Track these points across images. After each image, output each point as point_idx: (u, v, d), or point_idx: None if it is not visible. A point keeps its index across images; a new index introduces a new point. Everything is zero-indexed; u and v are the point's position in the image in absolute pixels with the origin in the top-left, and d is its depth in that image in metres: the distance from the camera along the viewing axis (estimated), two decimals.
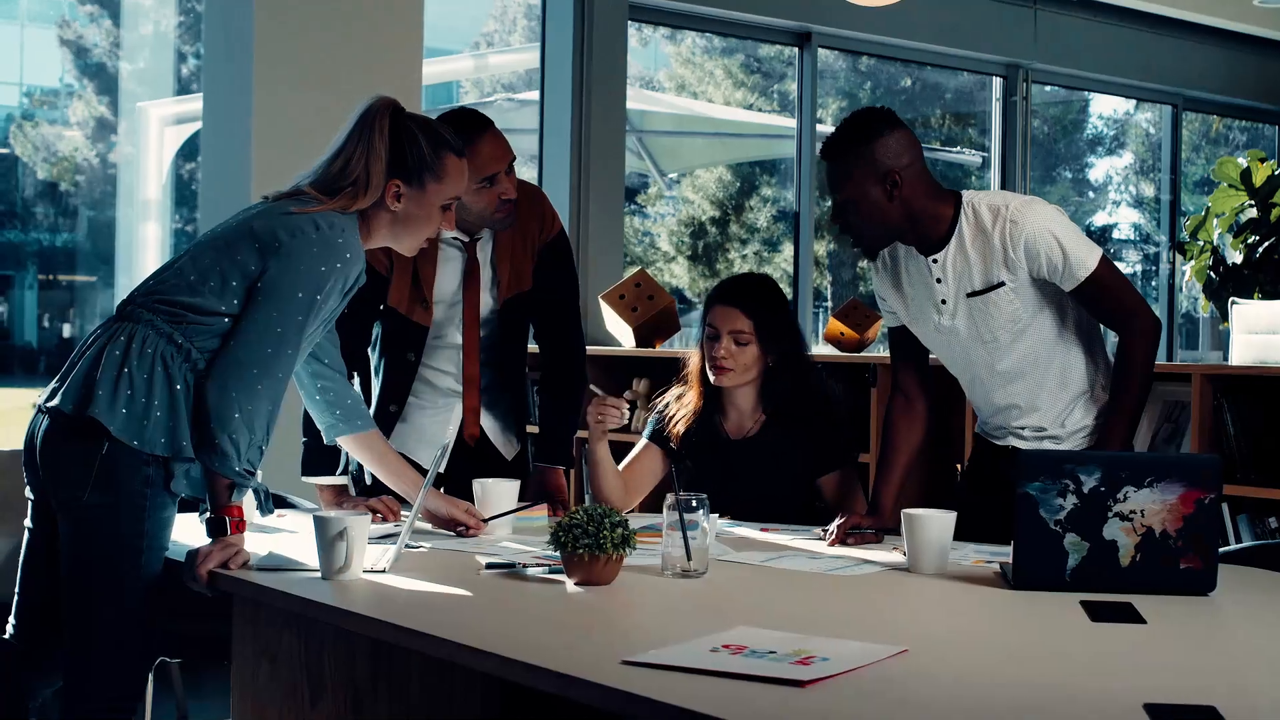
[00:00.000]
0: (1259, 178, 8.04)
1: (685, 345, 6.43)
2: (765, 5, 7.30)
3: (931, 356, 3.55)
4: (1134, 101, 10.62)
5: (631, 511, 3.77)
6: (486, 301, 3.72)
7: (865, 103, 11.03)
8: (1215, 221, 8.11)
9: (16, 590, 3.05)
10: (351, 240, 2.95)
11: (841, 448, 3.71)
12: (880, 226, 3.30)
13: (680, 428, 3.78)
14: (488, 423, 3.78)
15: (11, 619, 3.06)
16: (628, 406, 3.63)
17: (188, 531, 3.10)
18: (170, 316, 2.90)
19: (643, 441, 3.87)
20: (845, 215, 3.30)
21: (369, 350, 3.74)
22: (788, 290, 7.54)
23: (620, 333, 5.96)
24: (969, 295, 3.31)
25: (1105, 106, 11.46)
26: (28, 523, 3.03)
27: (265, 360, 2.86)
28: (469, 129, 3.47)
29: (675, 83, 11.06)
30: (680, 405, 3.81)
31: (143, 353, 2.87)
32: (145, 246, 6.98)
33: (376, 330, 3.74)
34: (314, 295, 2.89)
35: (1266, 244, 8.00)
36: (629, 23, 6.94)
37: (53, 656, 2.99)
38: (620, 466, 3.82)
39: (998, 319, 3.31)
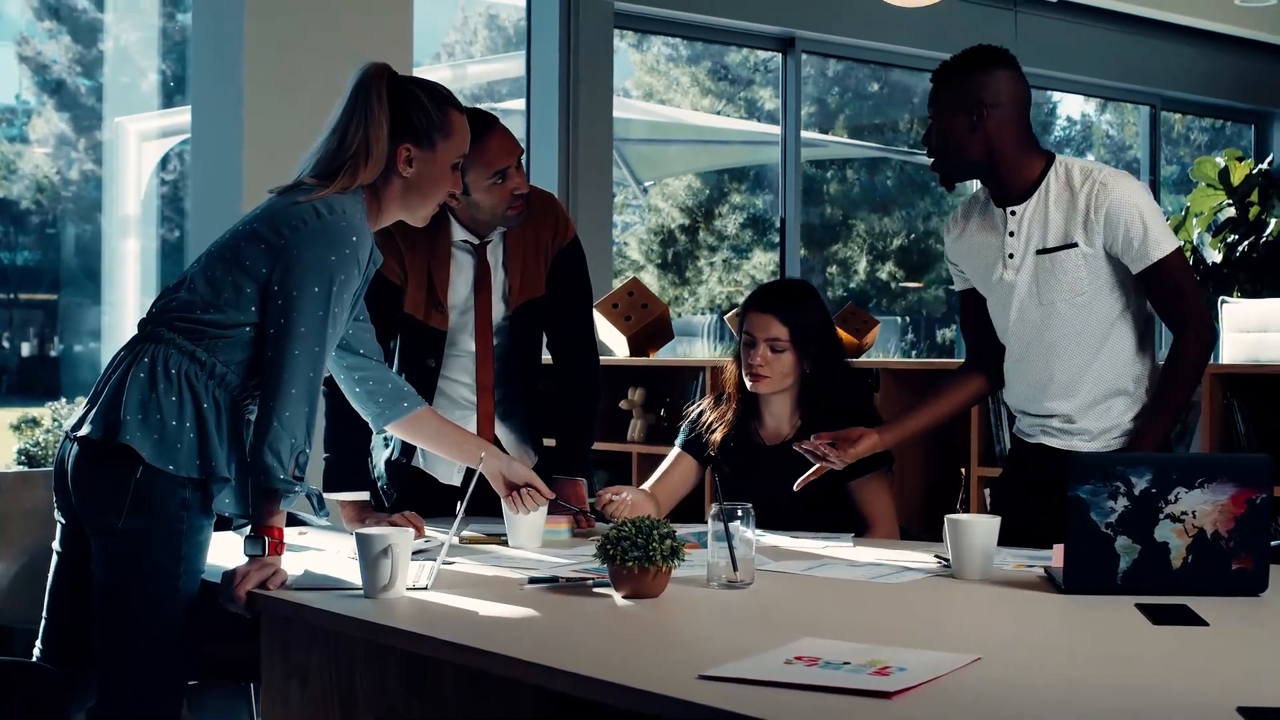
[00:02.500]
0: (1237, 177, 8.10)
1: (671, 354, 6.39)
2: (749, 11, 7.28)
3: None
4: (1095, 103, 10.66)
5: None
6: (499, 307, 3.68)
7: (833, 108, 11.04)
8: (1194, 221, 8.16)
9: (44, 614, 2.99)
10: (355, 220, 2.87)
11: (875, 452, 3.67)
12: (958, 156, 3.33)
13: (718, 435, 3.75)
14: (503, 434, 3.73)
15: (39, 643, 3.01)
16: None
17: (223, 552, 3.05)
18: (190, 334, 2.85)
19: (675, 451, 3.83)
20: (929, 137, 3.36)
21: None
22: None
23: (614, 342, 5.92)
24: (1039, 252, 3.31)
25: (1071, 108, 11.51)
26: (56, 546, 2.97)
27: (294, 363, 2.80)
28: (477, 126, 3.43)
29: (642, 90, 11.03)
30: (717, 414, 3.78)
31: (168, 374, 2.81)
32: (125, 262, 6.90)
33: (393, 344, 3.69)
34: (330, 286, 2.82)
35: (1245, 243, 8.06)
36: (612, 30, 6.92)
37: (81, 682, 2.93)
38: (653, 478, 3.79)
39: (1061, 282, 3.29)
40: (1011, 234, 3.34)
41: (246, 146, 5.17)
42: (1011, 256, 3.35)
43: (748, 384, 3.68)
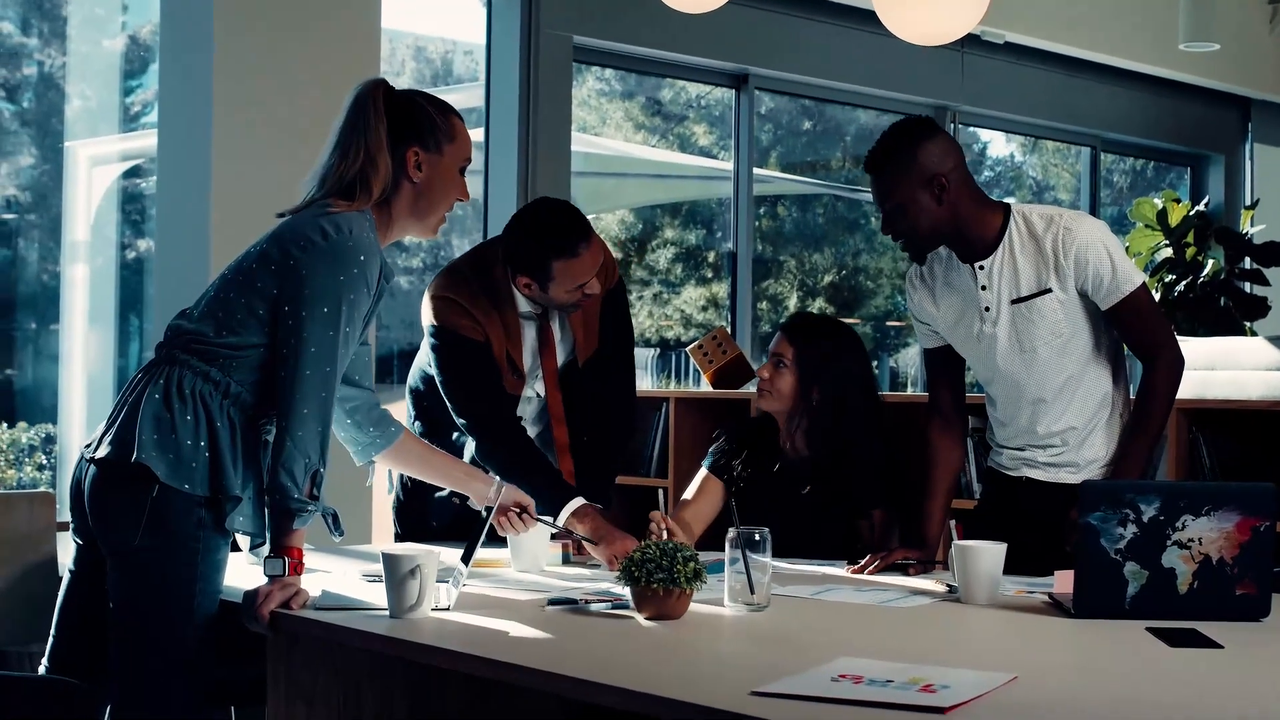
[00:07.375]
0: (1174, 218, 8.27)
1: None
2: (704, 47, 7.35)
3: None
4: (1017, 144, 10.81)
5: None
6: (564, 362, 3.77)
7: (765, 144, 11.13)
8: (1134, 261, 8.32)
9: (52, 633, 2.98)
10: (362, 239, 2.86)
11: (880, 490, 3.73)
12: (930, 231, 3.35)
13: (738, 465, 3.83)
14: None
15: (45, 661, 2.99)
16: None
17: (241, 573, 3.05)
18: (203, 355, 2.85)
19: (702, 473, 3.90)
20: (895, 223, 3.35)
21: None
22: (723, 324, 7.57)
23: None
24: (1014, 301, 3.36)
25: (1000, 150, 11.67)
26: (70, 565, 2.96)
27: (306, 383, 2.81)
28: (574, 237, 3.53)
29: (576, 124, 11.06)
30: (742, 436, 3.89)
31: (182, 394, 2.82)
32: (73, 287, 6.83)
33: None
34: (339, 306, 2.82)
35: (1183, 283, 8.23)
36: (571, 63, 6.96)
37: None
38: (683, 500, 3.84)
39: (1040, 328, 3.35)
40: (984, 288, 3.39)
41: (216, 166, 5.15)
42: (988, 309, 3.40)
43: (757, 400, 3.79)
